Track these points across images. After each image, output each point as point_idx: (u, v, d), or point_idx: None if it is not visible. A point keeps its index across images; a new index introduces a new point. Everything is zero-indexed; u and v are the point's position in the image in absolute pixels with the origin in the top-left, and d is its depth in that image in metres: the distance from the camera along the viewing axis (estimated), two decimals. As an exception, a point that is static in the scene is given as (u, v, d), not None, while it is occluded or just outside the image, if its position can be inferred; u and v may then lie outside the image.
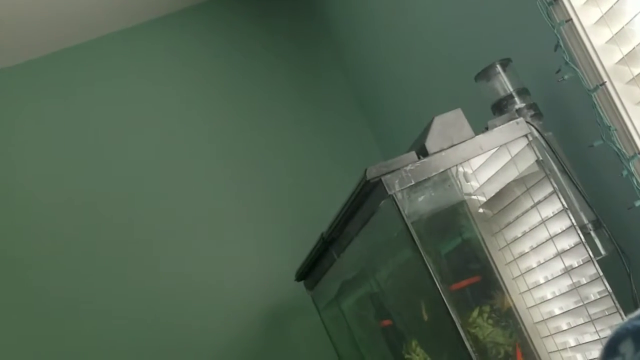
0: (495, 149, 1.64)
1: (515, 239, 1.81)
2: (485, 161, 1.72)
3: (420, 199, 1.70)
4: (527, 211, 1.72)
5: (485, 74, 1.70)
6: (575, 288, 1.68)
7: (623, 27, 1.53)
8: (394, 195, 1.62)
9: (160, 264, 2.96)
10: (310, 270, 2.43)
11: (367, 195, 1.75)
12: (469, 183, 1.79)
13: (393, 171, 1.62)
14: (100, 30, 3.16)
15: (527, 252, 1.79)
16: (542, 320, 1.83)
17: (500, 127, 1.63)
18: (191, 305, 2.93)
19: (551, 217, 1.67)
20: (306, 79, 3.24)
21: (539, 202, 1.68)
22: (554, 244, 1.69)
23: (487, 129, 1.63)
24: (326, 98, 3.23)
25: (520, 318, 1.85)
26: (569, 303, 1.73)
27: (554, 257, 1.70)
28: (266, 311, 2.94)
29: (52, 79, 3.12)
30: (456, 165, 1.64)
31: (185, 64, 3.21)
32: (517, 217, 1.77)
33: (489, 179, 1.76)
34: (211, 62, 3.22)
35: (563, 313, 1.75)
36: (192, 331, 2.90)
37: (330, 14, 3.17)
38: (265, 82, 3.23)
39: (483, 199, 1.81)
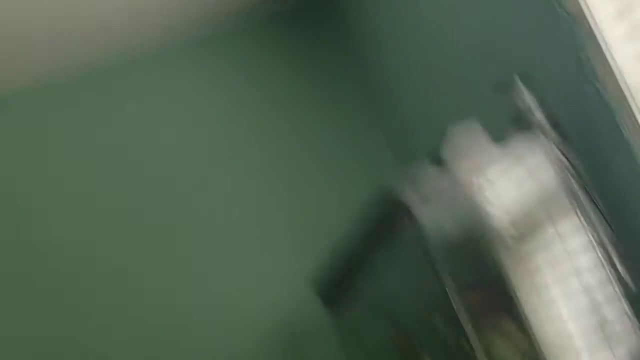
0: (513, 161, 1.63)
1: (532, 252, 1.78)
2: (503, 173, 1.70)
3: (437, 210, 1.69)
4: (544, 225, 1.70)
5: (505, 86, 1.69)
6: (600, 324, 1.65)
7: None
8: (411, 207, 1.62)
9: (168, 277, 2.97)
10: (327, 285, 2.42)
11: (383, 207, 1.75)
12: (486, 194, 1.77)
13: (410, 182, 1.63)
14: (133, 53, 3.22)
15: (543, 266, 1.76)
16: (556, 337, 1.80)
17: (518, 139, 1.61)
18: (202, 320, 2.92)
19: (570, 233, 1.64)
20: (325, 88, 3.25)
21: (558, 217, 1.65)
22: (573, 261, 1.66)
23: (505, 141, 1.62)
24: (344, 109, 3.23)
25: (541, 348, 1.82)
26: (592, 338, 1.69)
27: (573, 274, 1.67)
28: (281, 327, 2.92)
29: (87, 97, 3.18)
30: (473, 177, 1.63)
31: (211, 82, 3.24)
32: (534, 231, 1.75)
33: (506, 191, 1.74)
34: (234, 75, 3.26)
35: (586, 348, 1.71)
36: (202, 347, 2.90)
37: (350, 24, 3.19)
38: (282, 89, 3.24)
39: (501, 211, 1.79)
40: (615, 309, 1.59)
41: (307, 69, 3.28)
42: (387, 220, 1.79)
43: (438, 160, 1.63)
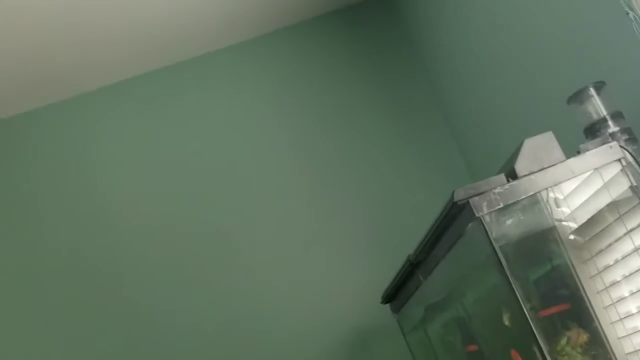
0: (588, 173, 1.61)
1: (607, 267, 1.76)
2: (577, 186, 1.69)
3: (509, 222, 1.69)
4: (620, 238, 1.68)
5: (579, 96, 1.68)
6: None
7: None
8: (482, 218, 1.61)
9: (241, 283, 3.00)
10: (397, 293, 2.42)
11: (454, 218, 1.74)
12: (559, 208, 1.76)
13: (481, 193, 1.61)
14: (185, 53, 3.27)
15: (619, 281, 1.74)
16: (634, 352, 1.78)
17: (593, 150, 1.60)
18: (273, 329, 2.95)
19: (645, 245, 1.62)
20: (395, 99, 3.25)
21: (633, 229, 1.63)
22: (648, 273, 1.64)
23: (579, 152, 1.61)
24: (415, 118, 3.23)
25: (611, 348, 1.80)
26: (663, 334, 1.67)
27: (648, 286, 1.65)
28: (351, 334, 2.94)
29: (139, 99, 3.24)
30: (546, 189, 1.62)
31: (273, 82, 3.26)
32: (610, 245, 1.73)
33: (580, 204, 1.73)
34: (298, 81, 3.27)
35: (657, 344, 1.70)
36: (273, 355, 2.92)
37: (418, 32, 3.19)
38: (353, 100, 3.25)
39: (574, 225, 1.78)
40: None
41: (374, 72, 3.29)
42: (455, 228, 1.79)
43: (511, 172, 1.62)
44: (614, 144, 1.60)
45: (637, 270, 1.66)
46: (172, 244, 3.04)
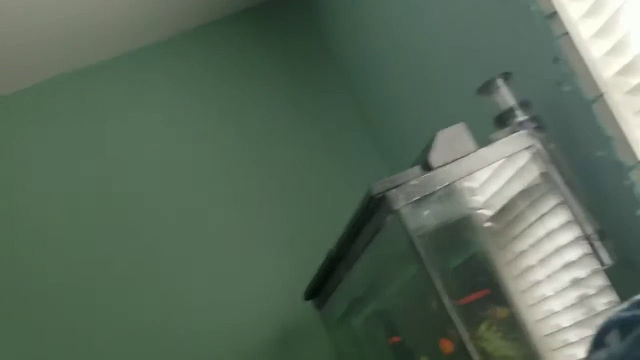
0: (499, 162, 1.66)
1: (522, 252, 1.82)
2: (490, 175, 1.73)
3: (426, 213, 1.72)
4: (532, 224, 1.74)
5: (487, 87, 1.72)
6: (583, 299, 1.69)
7: (620, 39, 1.55)
8: (399, 210, 1.63)
9: (162, 281, 2.97)
10: (319, 289, 2.43)
11: (372, 211, 1.76)
12: (474, 197, 1.80)
13: (397, 186, 1.64)
14: (99, 56, 3.21)
15: (534, 265, 1.79)
16: (551, 333, 1.84)
17: (503, 139, 1.64)
18: (194, 325, 2.93)
19: (557, 228, 1.68)
20: (310, 98, 3.27)
21: (544, 214, 1.69)
22: (560, 256, 1.69)
23: (490, 142, 1.65)
24: (330, 114, 3.25)
25: (529, 331, 1.86)
26: (578, 315, 1.73)
27: (561, 269, 1.70)
28: (274, 332, 2.94)
29: (55, 103, 3.17)
30: (460, 179, 1.66)
31: (187, 88, 3.24)
32: (523, 230, 1.78)
33: (494, 192, 1.77)
34: (214, 86, 3.26)
35: (572, 325, 1.76)
36: (195, 356, 2.90)
37: (331, 31, 3.21)
38: (269, 102, 3.25)
39: (489, 213, 1.83)
40: (596, 284, 1.63)
41: (288, 70, 3.30)
42: (373, 221, 1.81)
43: (425, 164, 1.65)
44: (523, 132, 1.65)
45: (550, 254, 1.71)
46: (88, 244, 2.98)
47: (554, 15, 1.64)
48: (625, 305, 0.77)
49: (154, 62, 3.26)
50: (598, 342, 0.77)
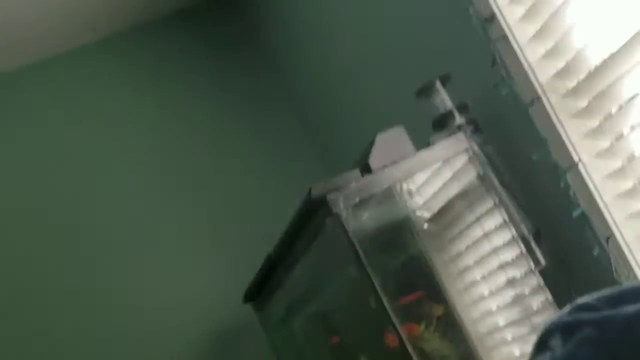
0: (437, 164, 1.67)
1: (460, 253, 1.83)
2: (428, 177, 1.74)
3: (365, 216, 1.72)
4: (469, 225, 1.75)
5: (426, 90, 1.72)
6: (518, 299, 1.71)
7: (557, 42, 1.57)
8: (339, 213, 1.63)
9: (97, 281, 2.92)
10: (258, 291, 2.42)
11: (312, 214, 1.75)
12: (413, 199, 1.81)
13: (337, 189, 1.63)
14: (49, 51, 3.12)
15: (471, 266, 1.81)
16: (488, 332, 1.86)
17: (441, 142, 1.65)
18: (130, 331, 2.88)
19: (493, 230, 1.70)
20: (249, 98, 3.24)
21: (481, 215, 1.70)
22: (497, 257, 1.72)
23: (428, 145, 1.66)
24: (270, 117, 3.23)
25: (467, 330, 1.88)
26: (513, 314, 1.76)
27: (497, 269, 1.73)
28: (212, 334, 2.91)
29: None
30: (400, 182, 1.66)
31: (128, 85, 3.18)
32: (461, 232, 1.80)
33: (432, 194, 1.78)
34: (155, 82, 3.20)
35: (508, 324, 1.78)
36: (132, 355, 2.85)
37: (269, 35, 3.19)
38: (207, 101, 3.21)
39: (427, 215, 1.84)
40: (531, 284, 1.65)
41: (227, 71, 3.26)
42: (313, 224, 1.80)
43: (364, 167, 1.65)
44: (461, 135, 1.66)
45: (486, 255, 1.73)
46: (27, 235, 2.93)
47: (492, 18, 1.65)
48: (567, 308, 0.78)
49: (88, 63, 3.19)
50: (542, 345, 0.78)
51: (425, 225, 1.84)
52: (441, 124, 1.70)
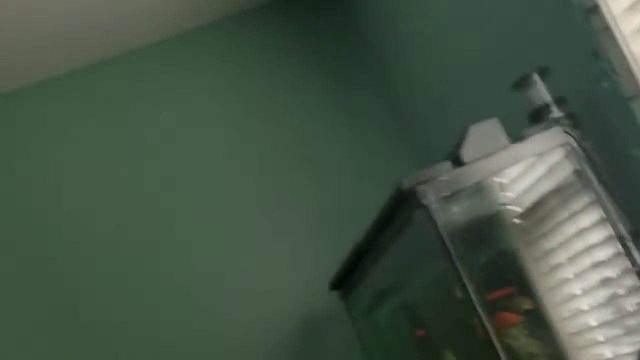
0: (532, 158, 1.63)
1: (551, 250, 1.79)
2: (521, 171, 1.70)
3: (455, 209, 1.69)
4: (563, 222, 1.71)
5: (523, 82, 1.68)
6: (612, 299, 1.66)
7: (663, 36, 1.51)
8: (428, 205, 1.61)
9: (191, 270, 2.97)
10: (345, 280, 2.42)
11: (401, 205, 1.74)
12: (504, 193, 1.77)
13: (427, 181, 1.61)
14: (130, 45, 3.20)
15: (563, 263, 1.77)
16: (578, 332, 1.81)
17: (537, 136, 1.61)
18: (224, 321, 2.92)
19: (588, 227, 1.65)
20: (341, 91, 3.23)
21: (575, 212, 1.66)
22: (590, 255, 1.67)
23: (523, 138, 1.62)
24: (362, 109, 3.21)
25: (556, 329, 1.83)
26: (606, 314, 1.71)
27: (590, 268, 1.68)
28: (299, 321, 2.93)
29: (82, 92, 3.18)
30: (492, 175, 1.63)
31: (214, 79, 3.23)
32: (553, 228, 1.75)
33: (525, 189, 1.74)
34: (241, 73, 3.23)
35: (600, 325, 1.73)
36: (223, 341, 2.90)
37: (364, 26, 3.18)
38: (298, 93, 3.22)
39: (519, 210, 1.80)
40: (626, 285, 1.60)
41: (322, 64, 3.25)
42: (402, 215, 1.79)
43: (457, 159, 1.62)
44: (558, 129, 1.61)
45: (579, 253, 1.68)
46: (114, 239, 2.99)
47: (595, 9, 1.60)
48: None
49: (176, 55, 3.24)
50: None
51: (517, 220, 1.80)
52: (537, 117, 1.66)
